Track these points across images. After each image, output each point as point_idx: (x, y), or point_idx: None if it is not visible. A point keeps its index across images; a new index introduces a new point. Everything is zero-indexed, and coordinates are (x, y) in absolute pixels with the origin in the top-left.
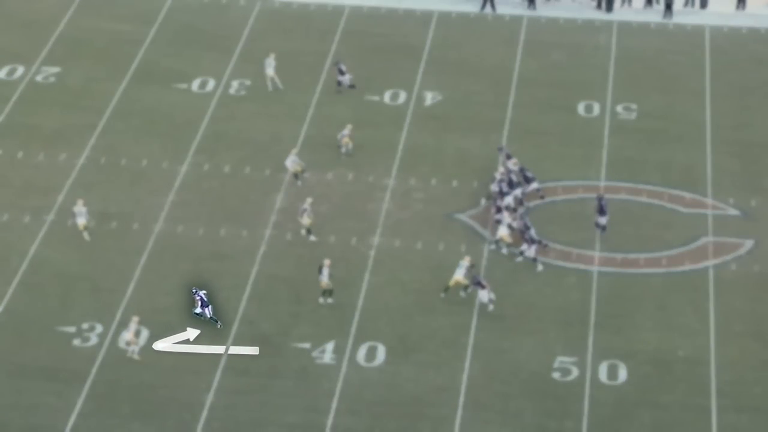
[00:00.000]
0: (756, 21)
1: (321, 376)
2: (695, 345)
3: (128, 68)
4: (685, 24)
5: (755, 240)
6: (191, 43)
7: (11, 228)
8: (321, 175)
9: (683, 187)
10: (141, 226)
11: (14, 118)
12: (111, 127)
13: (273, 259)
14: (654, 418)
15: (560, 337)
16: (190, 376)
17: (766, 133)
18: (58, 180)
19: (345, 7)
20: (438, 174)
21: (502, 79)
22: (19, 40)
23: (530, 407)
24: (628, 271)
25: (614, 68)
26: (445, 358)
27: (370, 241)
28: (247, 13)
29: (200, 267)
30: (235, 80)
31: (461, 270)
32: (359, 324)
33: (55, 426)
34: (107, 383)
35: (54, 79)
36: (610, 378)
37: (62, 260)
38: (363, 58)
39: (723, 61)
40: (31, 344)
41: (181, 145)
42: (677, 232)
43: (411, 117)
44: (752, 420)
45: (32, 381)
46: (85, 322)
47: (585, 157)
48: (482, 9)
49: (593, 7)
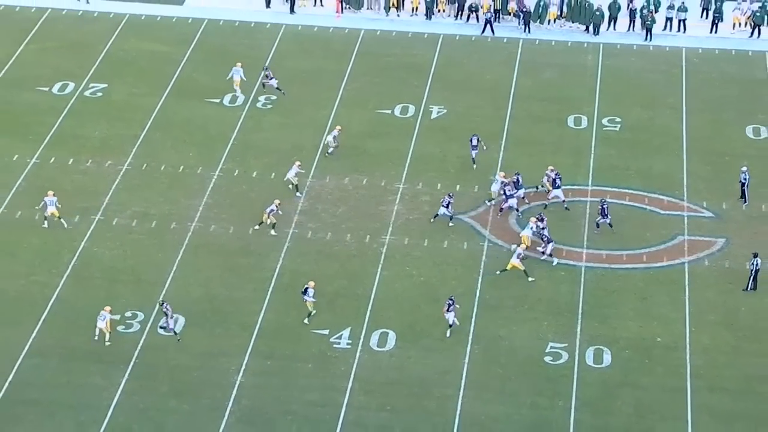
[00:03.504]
0: (727, 44)
1: (338, 359)
2: (672, 332)
3: (167, 84)
4: (664, 46)
5: (726, 239)
6: (223, 62)
7: (63, 228)
8: (338, 180)
9: (661, 192)
10: (178, 225)
11: (65, 128)
12: (151, 137)
13: (295, 254)
14: (635, 398)
15: (551, 326)
16: (222, 359)
17: (735, 144)
18: (104, 184)
19: (360, 30)
20: (443, 179)
21: (500, 95)
22: (70, 60)
23: (525, 388)
24: (612, 267)
25: (600, 85)
26: (449, 343)
27: (382, 238)
28: (273, 35)
29: (230, 262)
30: (261, 95)
31: (516, 257)
32: (372, 313)
33: (101, 403)
34: (147, 365)
35: (101, 94)
36: (596, 362)
37: (108, 255)
38: (376, 76)
39: (697, 80)
40: (80, 330)
41: (214, 153)
42: (656, 231)
43: (419, 128)
44: (723, 400)
45: (81, 363)
46: (127, 311)
47: (574, 165)
48: (482, 32)
49: (582, 31)
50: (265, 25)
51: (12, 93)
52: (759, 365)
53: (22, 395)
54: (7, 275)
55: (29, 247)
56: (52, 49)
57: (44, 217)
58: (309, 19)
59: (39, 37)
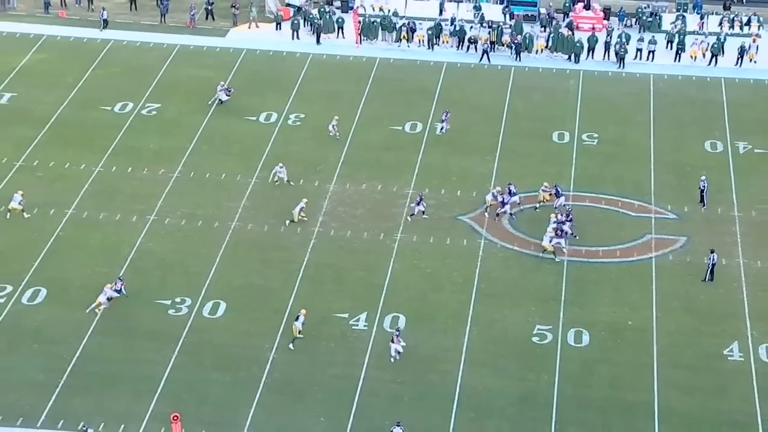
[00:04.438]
0: (689, 71)
1: (356, 338)
2: (641, 317)
3: (211, 104)
4: (635, 72)
5: (687, 237)
6: (259, 86)
7: (123, 225)
8: (357, 186)
9: (632, 197)
10: (220, 224)
11: (125, 141)
12: (198, 148)
13: (320, 249)
14: (609, 372)
15: (538, 311)
16: (257, 338)
17: (695, 156)
18: (157, 189)
19: (376, 58)
20: (446, 186)
21: (495, 114)
22: (130, 83)
23: (515, 363)
24: (590, 261)
25: (580, 106)
26: (451, 326)
27: (394, 236)
28: (302, 63)
29: (264, 255)
30: (292, 114)
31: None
32: (385, 299)
33: (155, 376)
34: (194, 343)
35: (155, 113)
36: (576, 342)
37: (161, 250)
38: (389, 98)
39: (663, 101)
40: (137, 313)
41: (251, 163)
42: (628, 230)
43: (425, 142)
44: (684, 374)
45: (138, 341)
46: (177, 297)
47: (558, 173)
48: (480, 61)
49: (565, 60)
50: (295, 54)
51: (81, 111)
52: (715, 345)
53: (88, 368)
54: (75, 266)
55: (94, 242)
56: (114, 75)
57: (16, 209)
58: (332, 49)
59: (103, 64)
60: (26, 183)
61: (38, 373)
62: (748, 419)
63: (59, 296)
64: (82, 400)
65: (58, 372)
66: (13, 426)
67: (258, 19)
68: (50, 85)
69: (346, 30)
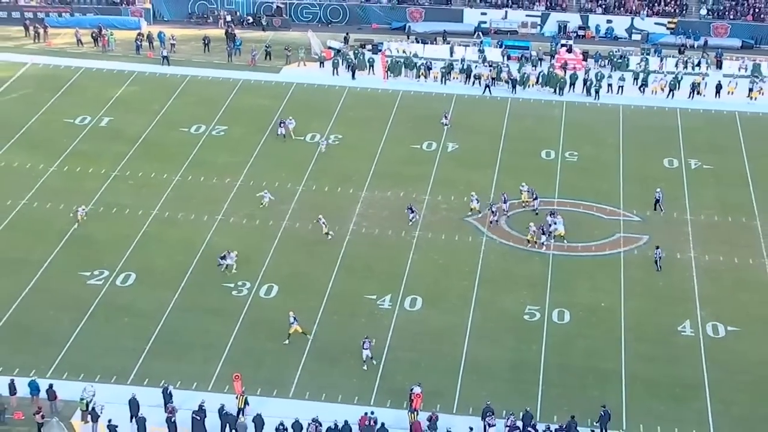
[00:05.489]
0: (652, 102)
1: (382, 316)
2: (612, 300)
3: (267, 127)
4: (608, 103)
5: (649, 236)
6: (306, 112)
7: (196, 224)
8: (383, 193)
9: (605, 203)
10: (274, 222)
11: (198, 157)
12: (256, 163)
13: (354, 244)
14: (586, 345)
15: (529, 294)
16: (303, 315)
17: (656, 171)
18: (224, 194)
19: (400, 91)
20: (455, 193)
21: (495, 136)
22: (202, 109)
23: (510, 337)
24: (570, 254)
25: (564, 130)
26: (458, 306)
27: (413, 234)
28: (340, 94)
29: (309, 248)
30: (332, 135)
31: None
32: (406, 284)
33: (220, 344)
34: (251, 319)
35: (223, 134)
36: (559, 319)
37: (225, 244)
38: (410, 122)
39: (631, 127)
40: (216, 294)
41: (299, 174)
42: (601, 230)
43: (439, 158)
44: (646, 346)
45: (207, 316)
46: (239, 281)
47: (545, 184)
48: (483, 93)
49: (552, 93)
50: (335, 86)
51: (163, 132)
52: (670, 323)
53: (168, 338)
54: (158, 255)
55: (173, 236)
56: (190, 103)
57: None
58: (365, 83)
59: (182, 94)
60: (120, 189)
61: (128, 341)
62: (697, 383)
63: (146, 279)
64: (163, 363)
65: (144, 340)
66: (108, 383)
67: (305, 59)
68: (140, 111)
69: (375, 68)
